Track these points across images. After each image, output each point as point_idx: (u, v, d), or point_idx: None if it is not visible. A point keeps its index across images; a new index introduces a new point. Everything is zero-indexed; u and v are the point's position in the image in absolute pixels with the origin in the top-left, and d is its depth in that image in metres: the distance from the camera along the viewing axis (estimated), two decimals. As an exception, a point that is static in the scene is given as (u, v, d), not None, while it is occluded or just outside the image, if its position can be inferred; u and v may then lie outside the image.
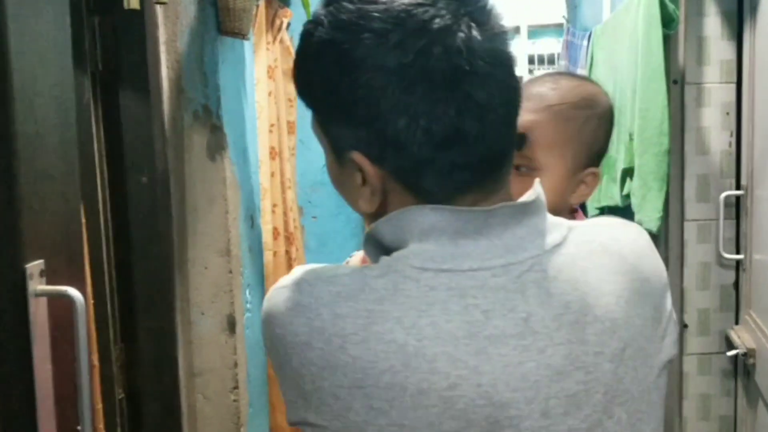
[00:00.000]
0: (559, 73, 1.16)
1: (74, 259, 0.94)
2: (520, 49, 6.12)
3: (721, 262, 2.17)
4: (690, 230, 2.18)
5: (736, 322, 2.17)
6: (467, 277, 0.70)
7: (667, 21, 2.04)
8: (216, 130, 1.94)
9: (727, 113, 2.16)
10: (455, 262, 0.70)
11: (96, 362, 1.37)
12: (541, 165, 1.08)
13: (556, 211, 0.83)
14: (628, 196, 2.29)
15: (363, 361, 0.68)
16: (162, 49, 1.90)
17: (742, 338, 2.00)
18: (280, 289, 0.74)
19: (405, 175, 0.73)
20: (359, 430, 0.68)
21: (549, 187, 1.08)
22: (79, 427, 0.84)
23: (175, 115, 1.91)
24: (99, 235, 1.79)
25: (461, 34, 0.69)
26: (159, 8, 1.89)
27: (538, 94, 1.11)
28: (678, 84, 2.15)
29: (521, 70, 6.10)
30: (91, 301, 1.31)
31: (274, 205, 2.88)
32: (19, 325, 0.83)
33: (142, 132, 1.87)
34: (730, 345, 2.09)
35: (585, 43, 2.99)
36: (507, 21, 0.74)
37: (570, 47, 3.32)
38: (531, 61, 6.08)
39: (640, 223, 2.13)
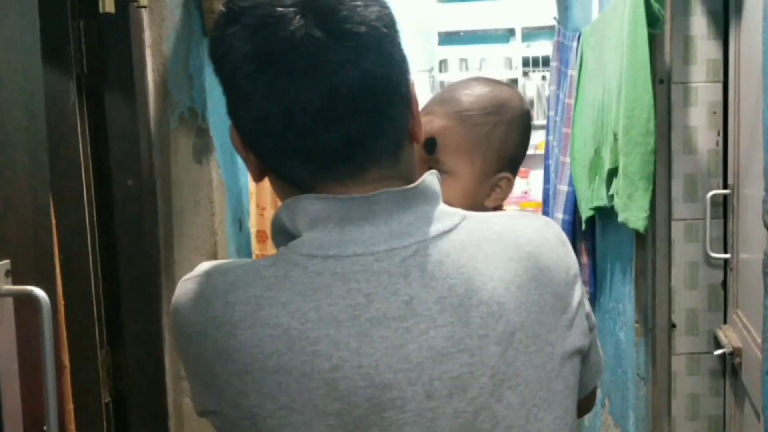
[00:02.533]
0: (477, 79, 1.20)
1: (43, 258, 0.94)
2: (514, 51, 6.12)
3: (709, 262, 2.17)
4: (677, 230, 2.18)
5: (725, 322, 2.16)
6: (351, 262, 0.72)
7: (653, 20, 2.04)
8: (202, 132, 1.94)
9: (714, 112, 2.16)
10: (341, 248, 0.73)
11: (66, 363, 1.37)
12: (451, 168, 1.12)
13: None
14: (614, 196, 2.29)
15: (251, 346, 0.70)
16: (147, 52, 1.90)
17: (729, 337, 2.00)
18: (182, 282, 0.78)
19: (264, 158, 0.77)
20: (252, 416, 0.71)
21: (461, 190, 1.13)
22: (45, 427, 0.84)
23: (161, 117, 1.92)
24: (84, 239, 1.80)
25: (298, 24, 0.71)
26: (144, 12, 1.89)
27: (451, 99, 1.15)
28: (664, 83, 2.15)
29: (516, 72, 6.10)
30: (62, 302, 1.31)
31: (263, 208, 2.88)
32: (-17, 324, 0.83)
33: (127, 135, 1.87)
34: (719, 344, 2.09)
35: (574, 44, 2.99)
36: (501, 24, 0.75)
37: (561, 49, 3.32)
38: (526, 63, 6.07)
39: (625, 223, 2.13)
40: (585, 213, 2.73)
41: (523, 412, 0.73)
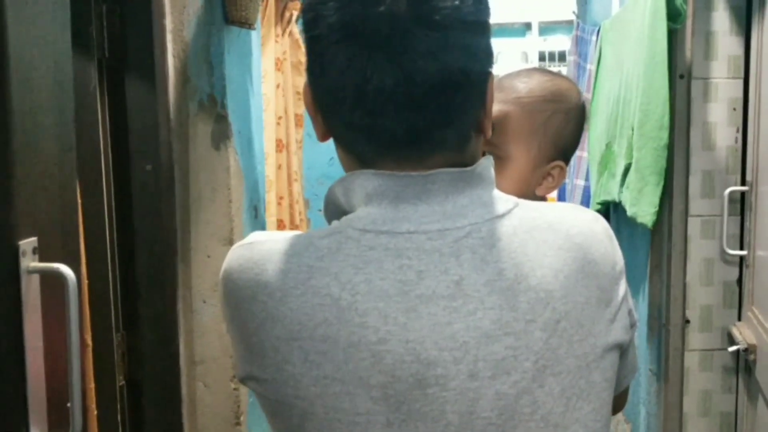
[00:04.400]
0: (535, 69, 1.20)
1: (69, 237, 0.95)
2: (531, 45, 6.11)
3: (725, 258, 2.16)
4: (694, 226, 2.17)
5: (739, 319, 2.16)
6: (404, 239, 0.73)
7: (674, 15, 2.03)
8: (221, 119, 1.95)
9: (734, 109, 2.14)
10: (394, 225, 0.73)
11: (89, 342, 1.38)
12: (507, 154, 1.12)
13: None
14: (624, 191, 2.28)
15: (300, 313, 0.71)
16: (168, 38, 1.91)
17: (744, 334, 2.00)
18: (235, 249, 0.79)
19: (331, 125, 0.78)
20: (296, 382, 0.71)
21: (514, 176, 1.12)
22: (68, 404, 0.85)
23: (180, 103, 1.92)
24: (102, 222, 1.81)
25: (389, 6, 0.71)
26: (166, -3, 1.90)
27: (510, 86, 1.14)
28: (684, 79, 2.14)
29: (532, 66, 6.09)
30: (85, 282, 1.32)
31: (281, 198, 2.89)
32: (10, 301, 0.84)
33: (147, 120, 1.88)
34: (732, 341, 2.09)
35: (594, 38, 2.98)
36: (518, 18, 0.75)
37: (579, 43, 3.31)
38: (542, 57, 6.07)
39: (634, 218, 2.13)
40: (593, 207, 2.72)
41: (563, 399, 0.73)
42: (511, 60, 6.11)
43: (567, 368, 0.73)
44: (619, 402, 0.95)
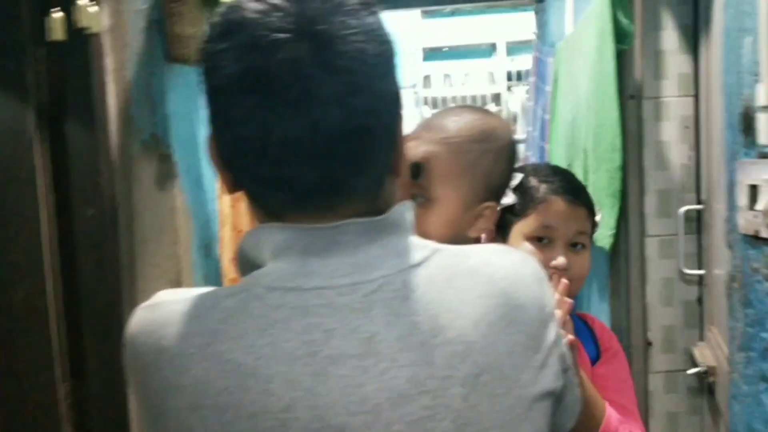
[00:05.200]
0: (465, 107, 1.18)
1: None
2: (498, 65, 6.12)
3: (684, 278, 2.14)
4: (651, 246, 2.15)
5: (701, 339, 2.13)
6: (313, 296, 0.69)
7: (622, 36, 2.02)
8: (165, 158, 1.91)
9: (687, 127, 2.14)
10: (302, 281, 0.69)
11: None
12: (435, 196, 1.08)
13: (454, 244, 0.80)
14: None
15: (201, 381, 0.67)
16: (109, 78, 1.87)
17: (704, 356, 1.97)
18: (138, 311, 0.75)
19: (237, 178, 0.74)
20: None
21: (444, 219, 1.09)
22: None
23: (122, 144, 1.88)
24: (43, 271, 1.76)
25: (290, 53, 0.68)
26: (106, 37, 1.86)
27: (438, 125, 1.12)
28: (635, 99, 2.13)
29: (500, 86, 6.10)
30: None
31: (239, 231, 2.85)
32: None
33: (88, 163, 1.84)
34: (695, 362, 2.06)
35: (551, 59, 2.98)
36: (484, 39, 0.72)
37: (539, 63, 3.31)
38: (510, 77, 6.08)
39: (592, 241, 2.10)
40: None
41: None
42: (478, 81, 6.12)
43: (491, 424, 0.69)
44: None
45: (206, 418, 0.67)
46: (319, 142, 0.68)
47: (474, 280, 0.73)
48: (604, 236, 2.07)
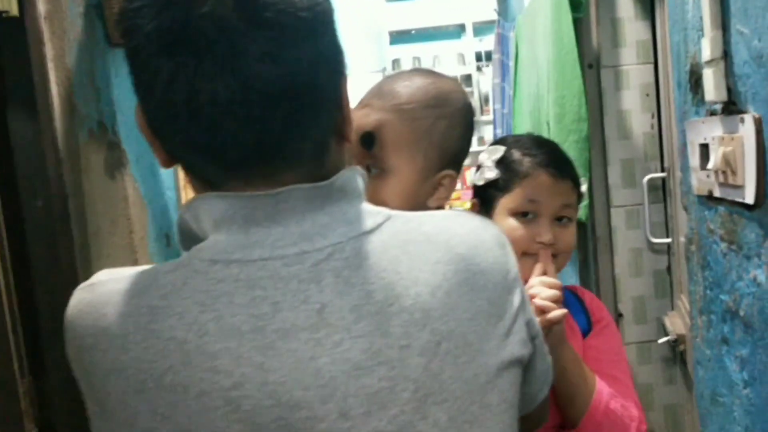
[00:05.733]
0: (416, 70, 1.12)
1: None
2: (467, 47, 6.08)
3: (652, 248, 2.12)
4: (618, 216, 2.13)
5: (672, 308, 2.11)
6: (257, 268, 0.65)
7: (577, 4, 1.99)
8: (113, 146, 1.85)
9: (647, 95, 2.11)
10: (245, 252, 0.65)
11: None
12: (390, 166, 1.03)
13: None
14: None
15: (143, 361, 0.63)
16: (50, 65, 1.81)
17: (674, 324, 1.95)
18: (76, 292, 0.71)
19: (168, 147, 0.69)
20: None
21: (401, 190, 1.03)
22: None
23: (68, 133, 1.82)
24: (-8, 266, 1.70)
25: (213, 6, 0.62)
26: (44, 24, 1.80)
27: (390, 91, 1.05)
28: (594, 68, 2.10)
29: (470, 67, 6.06)
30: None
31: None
32: None
33: (34, 153, 1.78)
34: (666, 332, 2.04)
35: (512, 34, 2.94)
36: (451, 20, 0.67)
37: (502, 40, 3.27)
38: (479, 58, 6.04)
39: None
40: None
41: (453, 429, 0.66)
42: (448, 62, 6.07)
43: (454, 394, 0.66)
44: (536, 418, 0.88)
45: (151, 400, 0.63)
46: (253, 102, 0.64)
47: (430, 247, 0.69)
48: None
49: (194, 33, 0.62)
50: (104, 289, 0.68)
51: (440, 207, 1.09)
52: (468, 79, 5.93)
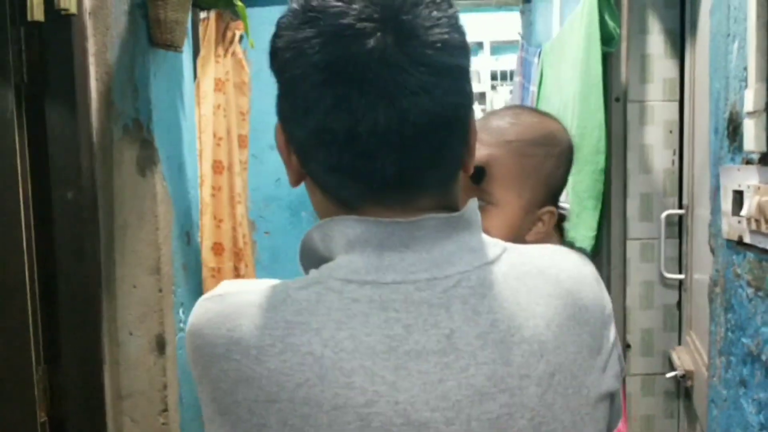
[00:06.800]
0: (521, 108, 1.15)
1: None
2: (483, 64, 6.13)
3: (664, 282, 2.15)
4: (633, 249, 2.16)
5: (679, 342, 2.14)
6: (390, 290, 0.68)
7: (608, 39, 2.02)
8: (147, 144, 1.89)
9: (671, 131, 2.14)
10: (379, 275, 0.68)
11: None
12: (497, 199, 1.07)
13: None
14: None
15: (278, 373, 0.65)
16: (91, 60, 1.85)
17: (682, 359, 1.98)
18: (203, 302, 0.73)
19: (311, 169, 0.73)
20: None
21: (505, 223, 1.07)
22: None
23: (104, 128, 1.86)
24: (20, 253, 1.73)
25: (377, 42, 0.66)
26: (88, 19, 1.84)
27: (498, 128, 1.09)
28: (620, 102, 2.13)
29: (484, 85, 6.10)
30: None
31: (220, 220, 2.83)
32: None
33: (68, 146, 1.82)
34: (672, 366, 2.07)
35: (536, 60, 2.98)
36: (469, 37, 0.72)
37: (524, 64, 3.31)
38: (494, 77, 6.09)
39: (572, 242, 2.11)
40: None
41: None
42: (463, 79, 6.11)
43: (562, 424, 0.70)
44: None
45: (283, 411, 0.65)
46: (407, 133, 0.67)
47: (542, 280, 0.72)
48: (585, 237, 2.07)
49: (360, 66, 0.66)
50: (235, 300, 0.70)
51: (537, 241, 1.12)
52: (482, 96, 5.98)
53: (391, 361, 0.66)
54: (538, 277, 0.73)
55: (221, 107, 2.89)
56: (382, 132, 0.67)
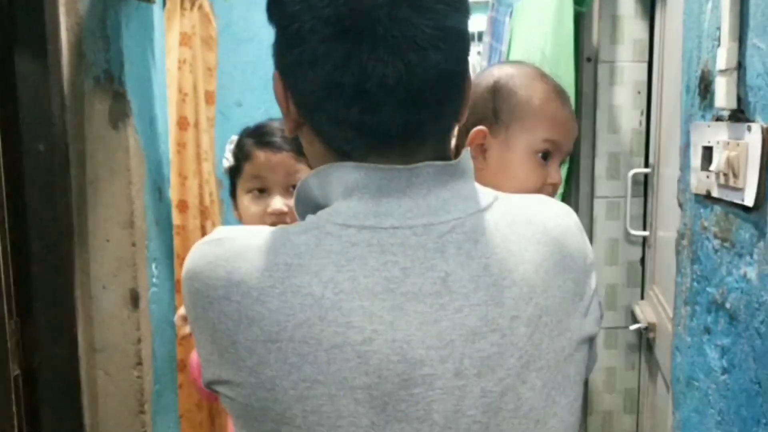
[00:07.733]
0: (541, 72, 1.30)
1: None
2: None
3: (629, 239, 2.21)
4: (599, 207, 2.21)
5: (642, 297, 2.21)
6: (388, 235, 0.70)
7: (580, -1, 2.05)
8: (119, 97, 1.86)
9: (639, 92, 2.19)
10: (377, 220, 0.71)
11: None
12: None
13: None
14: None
15: (279, 314, 0.68)
16: (61, 10, 1.81)
17: (645, 313, 2.05)
18: (201, 245, 0.75)
19: (314, 121, 0.74)
20: (273, 386, 0.68)
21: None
22: None
23: (75, 80, 1.83)
24: (-9, 205, 1.71)
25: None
26: (58, -32, 1.80)
27: (565, 94, 1.27)
28: (592, 62, 2.16)
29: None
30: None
31: (184, 177, 2.81)
32: None
33: (39, 97, 1.79)
34: (635, 320, 2.14)
35: (507, 19, 2.99)
36: None
37: (494, 24, 3.32)
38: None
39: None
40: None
41: (544, 394, 0.73)
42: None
43: (547, 363, 0.73)
44: None
45: (283, 350, 0.68)
46: (414, 87, 0.69)
47: (532, 228, 0.76)
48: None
49: (370, 22, 0.67)
50: (234, 244, 0.72)
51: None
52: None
53: (389, 301, 0.69)
54: (526, 225, 0.76)
55: (186, 62, 2.85)
56: (390, 86, 0.69)
